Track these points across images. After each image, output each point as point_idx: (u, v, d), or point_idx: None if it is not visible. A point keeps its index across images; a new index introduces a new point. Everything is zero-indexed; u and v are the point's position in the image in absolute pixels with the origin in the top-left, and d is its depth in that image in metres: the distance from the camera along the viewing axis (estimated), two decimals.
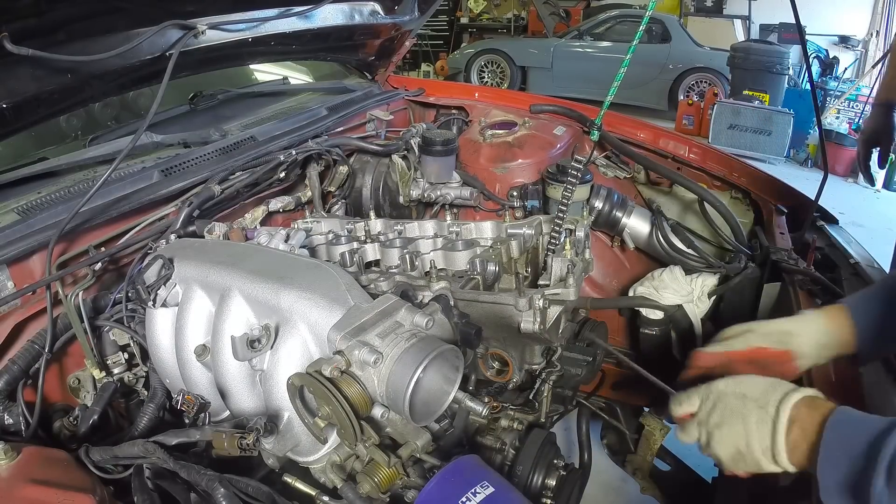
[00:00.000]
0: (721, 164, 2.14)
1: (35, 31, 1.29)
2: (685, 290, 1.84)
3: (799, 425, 0.82)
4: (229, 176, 1.63)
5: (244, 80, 2.62)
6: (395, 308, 1.01)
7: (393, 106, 2.45)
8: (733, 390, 0.91)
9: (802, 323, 1.11)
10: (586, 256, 1.50)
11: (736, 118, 7.16)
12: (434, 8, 2.35)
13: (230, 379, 1.11)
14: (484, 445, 1.24)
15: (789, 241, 1.76)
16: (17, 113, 1.34)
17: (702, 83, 8.98)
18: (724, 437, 0.89)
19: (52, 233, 1.25)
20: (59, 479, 0.90)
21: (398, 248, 1.51)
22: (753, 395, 0.88)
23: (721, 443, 0.90)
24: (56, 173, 1.54)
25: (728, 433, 0.89)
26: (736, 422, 0.88)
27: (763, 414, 0.85)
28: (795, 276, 1.54)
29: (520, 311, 1.25)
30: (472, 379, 1.43)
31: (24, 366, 1.16)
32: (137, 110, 2.18)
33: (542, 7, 11.37)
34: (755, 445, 0.85)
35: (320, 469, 1.09)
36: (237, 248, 1.32)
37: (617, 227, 2.06)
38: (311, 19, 1.96)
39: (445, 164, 2.01)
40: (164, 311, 1.21)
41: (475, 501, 0.88)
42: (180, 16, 1.56)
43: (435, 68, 11.35)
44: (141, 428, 1.16)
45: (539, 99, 2.49)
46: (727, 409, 0.90)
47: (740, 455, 0.88)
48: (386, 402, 0.94)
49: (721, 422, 0.90)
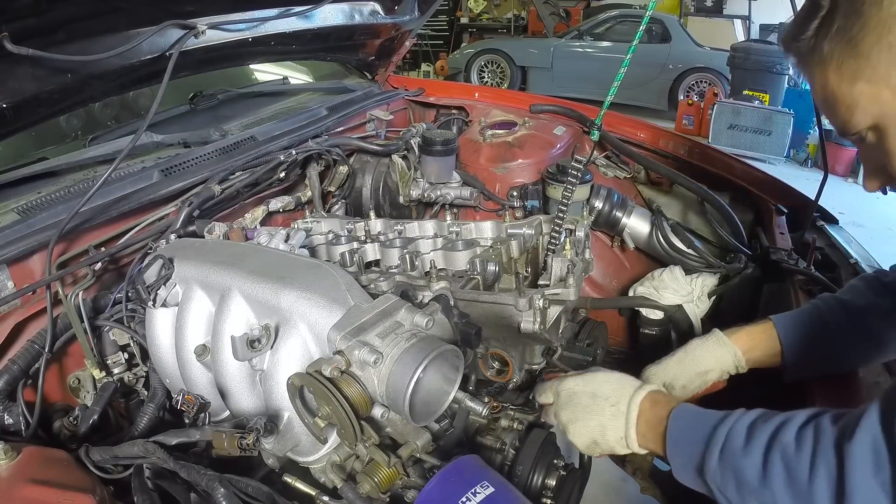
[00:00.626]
0: (721, 164, 2.14)
1: (35, 31, 1.29)
2: (685, 290, 1.84)
3: (644, 417, 0.98)
4: (229, 176, 1.63)
5: (244, 80, 2.62)
6: (395, 308, 1.01)
7: (393, 106, 2.45)
8: (583, 389, 1.05)
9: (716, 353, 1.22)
10: (586, 256, 1.50)
11: (736, 118, 7.16)
12: (434, 8, 2.35)
13: (230, 379, 1.11)
14: (484, 445, 1.24)
15: (789, 241, 1.76)
16: (17, 113, 1.34)
17: (702, 83, 8.98)
18: (578, 429, 1.03)
19: (52, 233, 1.25)
20: (59, 479, 0.90)
21: (398, 248, 1.51)
22: (604, 393, 1.02)
23: (576, 434, 1.04)
24: (56, 173, 1.54)
25: (583, 427, 1.03)
26: (590, 418, 1.02)
27: (616, 411, 1.00)
28: (795, 276, 1.54)
29: (520, 311, 1.25)
30: (472, 379, 1.43)
31: (24, 366, 1.16)
32: (137, 110, 2.18)
33: (542, 7, 11.38)
34: (610, 436, 1.00)
35: (320, 469, 1.09)
36: (237, 248, 1.32)
37: (617, 227, 2.06)
38: (311, 19, 1.96)
39: (445, 164, 2.01)
40: (164, 311, 1.21)
41: (475, 501, 0.88)
42: (180, 16, 1.56)
43: (435, 68, 11.36)
44: (141, 428, 1.16)
45: (539, 99, 2.49)
46: (579, 406, 1.04)
47: (596, 444, 1.02)
48: (386, 402, 0.94)
49: (574, 417, 1.04)
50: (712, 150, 2.24)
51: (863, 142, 0.83)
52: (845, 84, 0.77)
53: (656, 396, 1.00)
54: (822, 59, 0.78)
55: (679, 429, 0.92)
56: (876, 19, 0.72)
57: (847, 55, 0.75)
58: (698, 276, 1.86)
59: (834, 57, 0.77)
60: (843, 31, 0.75)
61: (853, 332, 1.14)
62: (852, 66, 0.75)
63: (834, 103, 0.80)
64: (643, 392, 1.00)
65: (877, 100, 0.75)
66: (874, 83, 0.75)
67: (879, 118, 0.77)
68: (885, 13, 0.71)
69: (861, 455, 0.69)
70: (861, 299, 1.17)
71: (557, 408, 1.07)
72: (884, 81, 0.74)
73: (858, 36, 0.73)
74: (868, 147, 0.82)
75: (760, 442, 0.80)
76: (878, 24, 0.71)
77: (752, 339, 1.21)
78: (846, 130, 0.82)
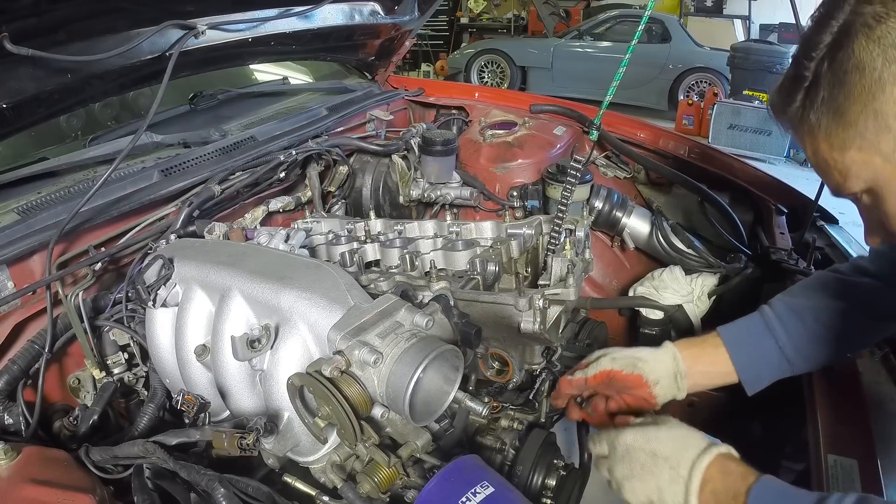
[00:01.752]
0: (721, 164, 2.14)
1: (35, 31, 1.29)
2: (685, 290, 1.84)
3: (711, 487, 0.87)
4: (229, 176, 1.63)
5: (244, 80, 2.62)
6: (395, 308, 1.01)
7: (393, 106, 2.45)
8: (642, 446, 0.95)
9: (655, 351, 1.17)
10: (586, 256, 1.50)
11: (736, 118, 7.16)
12: (434, 8, 2.35)
13: (230, 379, 1.11)
14: (484, 445, 1.24)
15: (789, 241, 1.76)
16: (17, 113, 1.34)
17: (702, 83, 8.98)
18: (634, 488, 0.94)
19: (52, 233, 1.25)
20: (59, 479, 0.90)
21: (398, 248, 1.51)
22: (664, 453, 0.93)
23: (632, 493, 0.95)
24: (56, 173, 1.54)
25: (640, 486, 0.93)
26: (647, 478, 0.93)
27: (675, 475, 0.90)
28: (795, 276, 1.54)
29: (520, 311, 1.25)
30: (472, 379, 1.43)
31: (24, 366, 1.16)
32: (137, 110, 2.18)
33: (542, 7, 11.38)
34: (668, 500, 0.90)
35: (320, 469, 1.09)
36: (237, 248, 1.32)
37: (617, 227, 2.06)
38: (311, 19, 1.96)
39: (445, 164, 2.01)
40: (164, 311, 1.21)
41: (475, 501, 0.88)
42: (180, 16, 1.56)
43: (435, 68, 11.36)
44: (141, 428, 1.16)
45: (539, 99, 2.49)
46: (636, 463, 0.94)
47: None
48: (386, 402, 0.94)
49: (631, 475, 0.95)
50: (712, 150, 2.24)
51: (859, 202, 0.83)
52: (836, 152, 0.77)
53: (727, 465, 0.89)
54: (812, 129, 0.78)
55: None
56: (860, 87, 0.71)
57: (835, 124, 0.75)
58: (698, 276, 1.86)
59: (822, 126, 0.76)
60: (828, 101, 0.74)
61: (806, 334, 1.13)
62: (841, 136, 0.75)
63: (827, 169, 0.80)
64: (708, 457, 0.89)
65: (868, 166, 0.75)
66: (864, 151, 0.74)
67: (872, 182, 0.77)
68: (868, 80, 0.70)
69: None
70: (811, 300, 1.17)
71: (612, 462, 0.99)
72: (874, 148, 0.74)
73: (844, 105, 0.73)
74: (865, 207, 0.83)
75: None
76: (863, 91, 0.71)
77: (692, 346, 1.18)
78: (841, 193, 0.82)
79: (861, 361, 1.22)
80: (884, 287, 1.12)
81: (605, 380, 1.16)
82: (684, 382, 1.15)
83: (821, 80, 0.75)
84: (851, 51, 0.71)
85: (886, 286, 1.12)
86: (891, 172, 0.75)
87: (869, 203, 0.81)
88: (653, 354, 1.17)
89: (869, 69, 0.70)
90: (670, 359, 1.16)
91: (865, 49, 0.70)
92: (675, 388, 1.16)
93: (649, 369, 1.15)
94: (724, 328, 1.19)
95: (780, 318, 1.16)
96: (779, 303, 1.19)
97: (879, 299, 1.12)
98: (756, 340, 1.16)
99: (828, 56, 0.74)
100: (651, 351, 1.18)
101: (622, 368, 1.15)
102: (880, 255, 1.16)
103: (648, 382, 1.14)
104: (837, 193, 0.83)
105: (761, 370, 1.15)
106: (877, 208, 0.80)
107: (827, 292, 1.16)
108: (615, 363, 1.16)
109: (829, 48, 0.74)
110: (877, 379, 1.19)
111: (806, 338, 1.13)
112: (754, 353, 1.15)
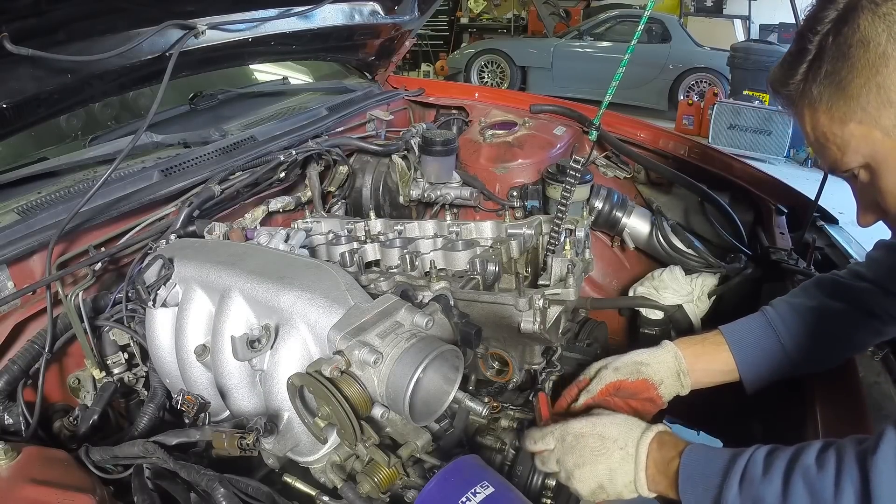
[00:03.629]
0: (721, 164, 2.14)
1: (35, 31, 1.29)
2: (685, 290, 1.84)
3: (652, 458, 0.95)
4: (229, 176, 1.63)
5: (244, 80, 2.62)
6: (395, 308, 1.01)
7: (393, 106, 2.45)
8: (591, 431, 1.00)
9: (656, 353, 1.18)
10: (586, 256, 1.50)
11: (736, 118, 7.17)
12: (434, 8, 2.35)
13: (230, 379, 1.11)
14: (484, 445, 1.24)
15: (789, 241, 1.76)
16: (17, 113, 1.34)
17: (702, 83, 8.99)
18: (584, 474, 0.99)
19: (52, 233, 1.25)
20: (59, 479, 0.90)
21: (398, 248, 1.51)
22: (612, 436, 0.98)
23: (582, 479, 0.99)
24: (56, 173, 1.54)
25: (590, 472, 0.98)
26: (598, 461, 0.98)
27: (624, 454, 0.96)
28: (795, 276, 1.54)
29: (520, 311, 1.25)
30: (472, 379, 1.43)
31: (24, 366, 1.16)
32: (137, 110, 2.18)
33: (542, 7, 11.38)
34: (619, 480, 0.96)
35: (320, 469, 1.09)
36: (237, 248, 1.32)
37: (617, 227, 2.05)
38: (311, 19, 1.96)
39: (445, 164, 2.01)
40: (164, 311, 1.21)
41: (475, 501, 0.88)
42: (180, 16, 1.55)
43: (435, 68, 11.36)
44: (141, 428, 1.16)
45: (539, 99, 2.49)
46: (587, 449, 0.99)
47: (602, 489, 0.98)
48: (386, 402, 0.94)
49: (582, 461, 0.99)
50: (712, 150, 2.24)
51: (855, 179, 0.84)
52: (836, 125, 0.78)
53: (663, 437, 0.97)
54: (812, 102, 0.79)
55: (692, 464, 0.90)
56: (863, 61, 0.72)
57: (836, 97, 0.76)
58: (698, 276, 1.86)
59: (823, 99, 0.78)
60: (831, 75, 0.76)
61: (807, 334, 1.14)
62: (842, 108, 0.76)
63: (825, 144, 0.81)
64: (651, 433, 0.97)
65: (868, 140, 0.76)
66: (865, 124, 0.75)
67: (871, 157, 0.78)
68: (872, 54, 0.72)
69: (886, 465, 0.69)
70: (812, 300, 1.17)
71: (562, 453, 1.02)
72: (874, 122, 0.75)
73: (847, 78, 0.74)
74: (861, 184, 0.84)
75: (780, 468, 0.80)
76: (866, 65, 0.72)
77: (693, 344, 1.19)
78: (838, 168, 0.83)
79: (861, 361, 1.21)
80: (881, 292, 1.13)
81: (613, 392, 1.16)
82: (687, 379, 1.16)
83: (825, 54, 0.76)
84: (857, 26, 0.72)
85: (883, 292, 1.13)
86: (890, 147, 0.76)
87: (866, 180, 0.82)
88: (654, 356, 1.17)
89: (874, 44, 0.71)
90: (671, 357, 1.16)
91: (871, 24, 0.71)
92: (678, 386, 1.17)
93: (653, 371, 1.16)
94: (727, 327, 1.19)
95: (783, 318, 1.17)
96: (781, 303, 1.20)
97: (877, 304, 1.13)
98: (758, 339, 1.16)
99: (832, 30, 0.75)
100: (651, 352, 1.18)
101: (627, 377, 1.16)
102: (876, 261, 1.18)
103: (654, 384, 1.15)
104: (834, 170, 0.84)
105: (762, 369, 1.15)
106: (873, 185, 0.81)
107: (828, 294, 1.17)
108: (618, 373, 1.17)
109: (834, 23, 0.75)
110: (877, 379, 1.19)
111: (807, 338, 1.13)
112: (756, 352, 1.16)
